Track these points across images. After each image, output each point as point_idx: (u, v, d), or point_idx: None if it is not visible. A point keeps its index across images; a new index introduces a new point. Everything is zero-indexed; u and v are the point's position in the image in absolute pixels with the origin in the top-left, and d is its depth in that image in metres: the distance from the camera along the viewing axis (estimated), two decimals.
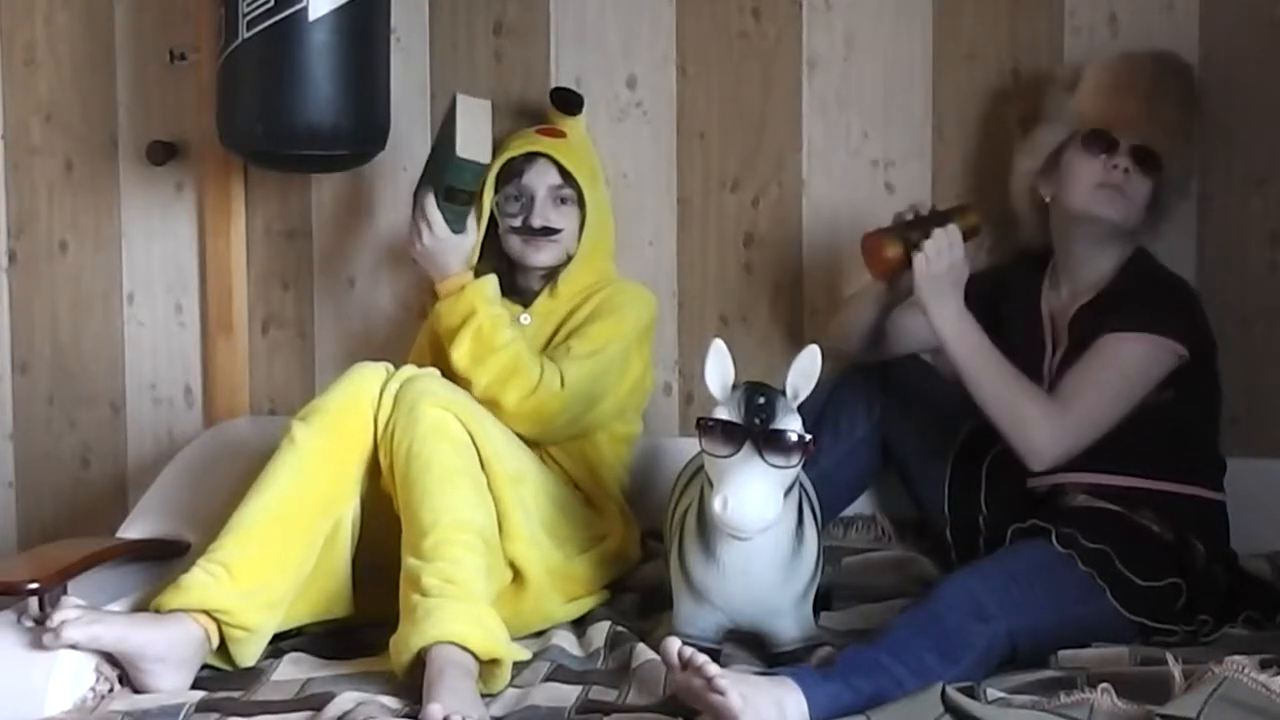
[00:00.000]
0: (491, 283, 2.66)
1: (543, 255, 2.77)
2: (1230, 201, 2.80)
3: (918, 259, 2.49)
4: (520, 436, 2.57)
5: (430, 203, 2.63)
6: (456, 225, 2.64)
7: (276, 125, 2.71)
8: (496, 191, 2.76)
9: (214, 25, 2.76)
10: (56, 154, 3.18)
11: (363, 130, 2.79)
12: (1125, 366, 2.48)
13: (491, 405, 2.55)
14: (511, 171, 2.76)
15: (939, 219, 2.53)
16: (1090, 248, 2.61)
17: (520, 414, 2.57)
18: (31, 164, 3.19)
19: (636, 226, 2.97)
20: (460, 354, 2.59)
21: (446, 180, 2.61)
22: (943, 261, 2.49)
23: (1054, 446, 2.45)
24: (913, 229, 2.54)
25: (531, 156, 2.77)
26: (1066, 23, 2.83)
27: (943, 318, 2.50)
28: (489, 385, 2.57)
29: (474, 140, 2.62)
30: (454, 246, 2.65)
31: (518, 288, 2.81)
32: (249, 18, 2.66)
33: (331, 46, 2.70)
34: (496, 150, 2.75)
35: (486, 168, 2.65)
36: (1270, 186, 2.80)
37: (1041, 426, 2.45)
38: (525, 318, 2.75)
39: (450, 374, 2.56)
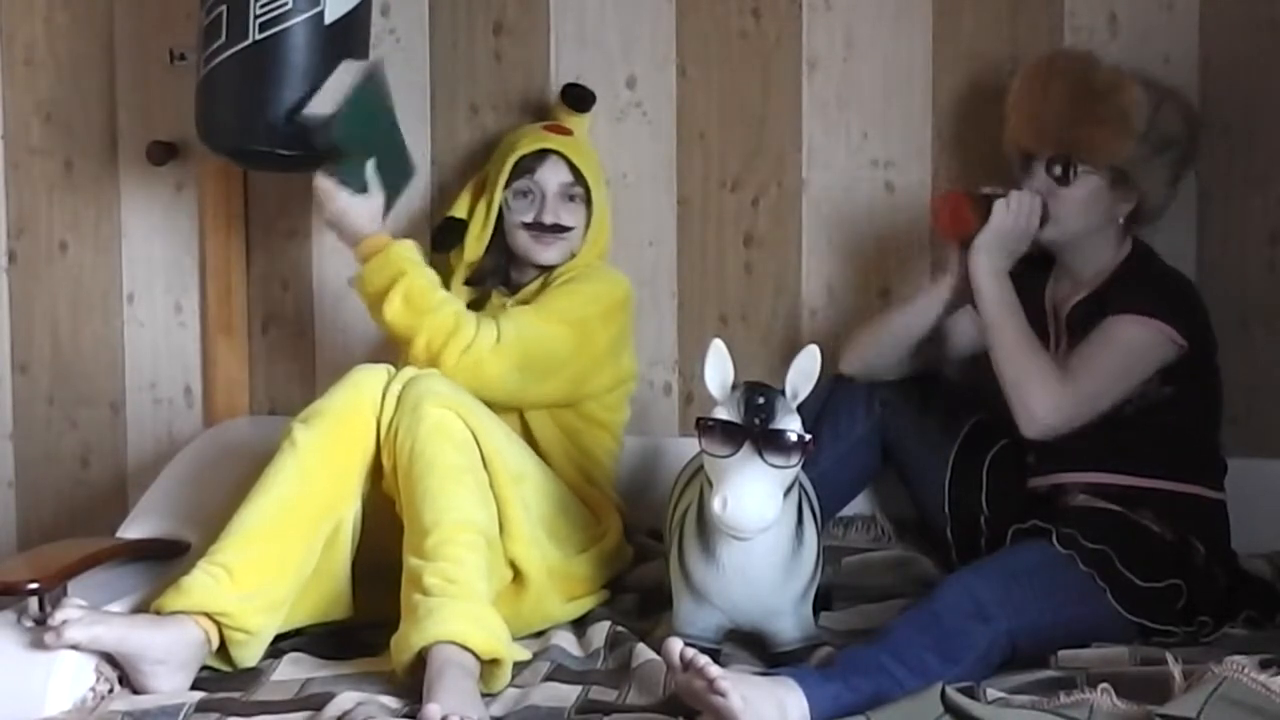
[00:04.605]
0: (415, 246, 2.65)
1: (550, 252, 2.77)
2: (1230, 201, 2.80)
3: (999, 204, 2.55)
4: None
5: (319, 173, 2.64)
6: (353, 185, 2.63)
7: (283, 126, 2.70)
8: (506, 187, 2.77)
9: (208, 24, 2.74)
10: (56, 154, 3.18)
11: None
12: (1125, 347, 2.49)
13: (431, 364, 2.55)
14: (522, 168, 2.77)
15: None
16: (1073, 252, 2.63)
17: (460, 370, 2.54)
18: (31, 164, 3.19)
19: (636, 226, 2.97)
20: (393, 313, 2.59)
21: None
22: (1021, 219, 2.54)
23: (1052, 415, 2.46)
24: (992, 195, 2.58)
25: (542, 154, 2.77)
26: (1066, 23, 2.83)
27: (987, 269, 2.54)
28: (429, 344, 2.56)
29: (320, 98, 2.63)
30: (355, 208, 2.64)
31: (511, 281, 2.83)
32: (261, 19, 2.65)
33: (342, 49, 2.70)
34: (508, 147, 2.78)
35: (329, 118, 2.61)
36: (1270, 186, 2.80)
37: (1044, 393, 2.46)
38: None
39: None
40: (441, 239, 2.84)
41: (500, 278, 2.83)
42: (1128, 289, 2.55)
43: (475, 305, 2.78)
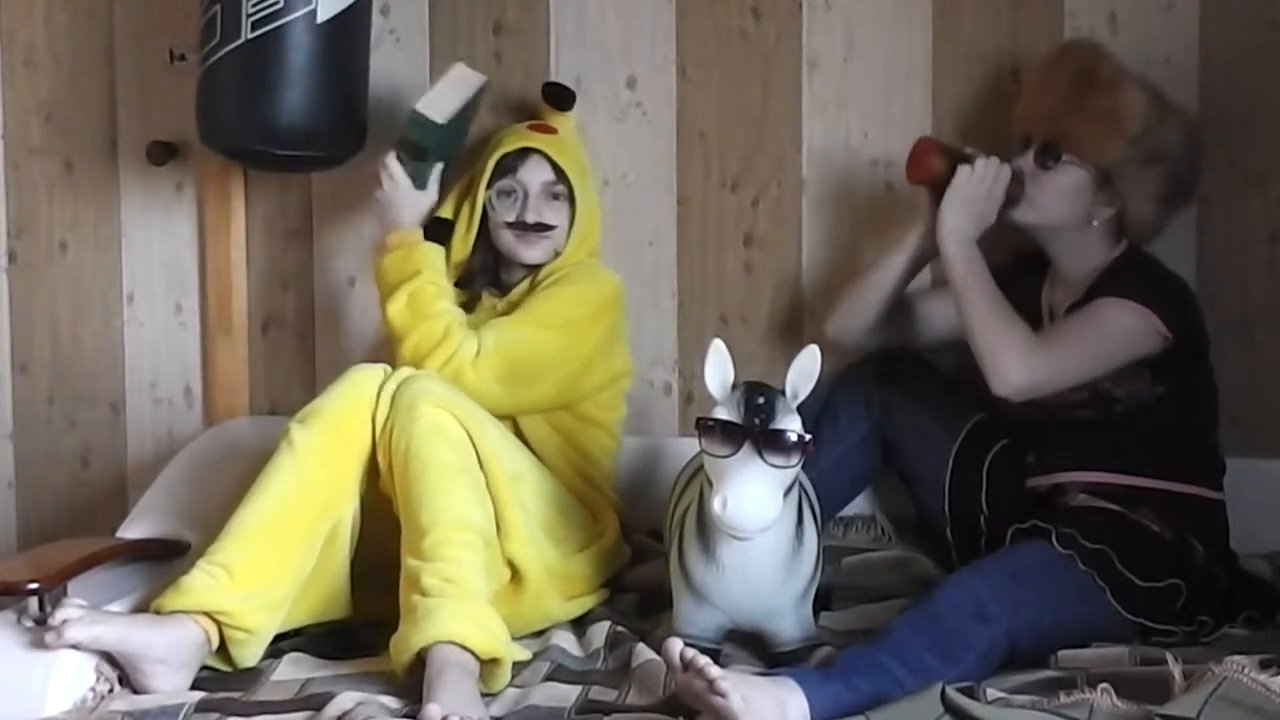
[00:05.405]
0: (440, 253, 2.69)
1: (534, 251, 2.77)
2: (1230, 201, 2.80)
3: (963, 169, 2.54)
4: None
5: (390, 154, 2.69)
6: (418, 180, 2.69)
7: (276, 125, 2.70)
8: (489, 186, 2.77)
9: (205, 23, 2.74)
10: (56, 154, 3.18)
11: (351, 131, 2.79)
12: (1106, 326, 2.49)
13: (416, 369, 2.55)
14: (505, 167, 2.77)
15: None
16: (1062, 248, 2.63)
17: (442, 379, 2.54)
18: (31, 164, 3.19)
19: (636, 226, 2.97)
20: (395, 310, 2.63)
21: (403, 131, 2.69)
22: (984, 185, 2.54)
23: (1023, 375, 2.46)
24: (968, 155, 2.58)
25: (525, 152, 2.77)
26: (1066, 23, 2.83)
27: (953, 233, 2.54)
28: (416, 348, 2.59)
29: (438, 100, 2.68)
30: (410, 200, 2.69)
31: (501, 281, 2.83)
32: (254, 18, 2.65)
33: (337, 48, 2.70)
34: (492, 147, 2.78)
35: (440, 127, 2.67)
36: (1270, 186, 2.80)
37: (1017, 353, 2.46)
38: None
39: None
40: (428, 239, 2.84)
41: (489, 278, 2.84)
42: (1118, 278, 2.55)
43: (465, 307, 2.78)
